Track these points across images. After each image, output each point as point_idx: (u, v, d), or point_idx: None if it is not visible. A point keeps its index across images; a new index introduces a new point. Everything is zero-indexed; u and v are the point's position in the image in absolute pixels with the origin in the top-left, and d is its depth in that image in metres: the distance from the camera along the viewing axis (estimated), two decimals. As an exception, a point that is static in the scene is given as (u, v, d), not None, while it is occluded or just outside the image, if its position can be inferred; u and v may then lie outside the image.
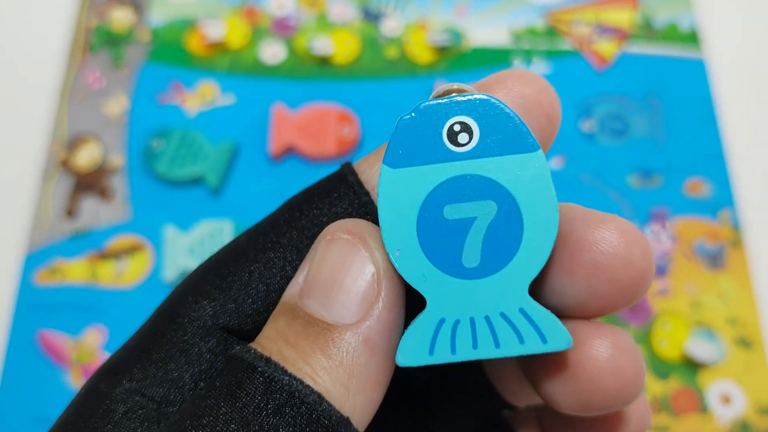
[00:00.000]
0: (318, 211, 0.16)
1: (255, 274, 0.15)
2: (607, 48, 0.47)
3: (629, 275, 0.14)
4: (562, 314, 0.14)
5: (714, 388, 0.37)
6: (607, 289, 0.14)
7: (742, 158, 0.47)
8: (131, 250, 0.40)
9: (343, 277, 0.14)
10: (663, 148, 0.44)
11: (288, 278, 0.15)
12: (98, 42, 0.47)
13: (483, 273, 0.14)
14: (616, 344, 0.14)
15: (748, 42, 0.52)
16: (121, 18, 0.48)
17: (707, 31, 0.50)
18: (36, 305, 0.39)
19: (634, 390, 0.14)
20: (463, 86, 0.14)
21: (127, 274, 0.40)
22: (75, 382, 0.37)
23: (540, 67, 0.46)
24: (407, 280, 0.14)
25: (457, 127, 0.14)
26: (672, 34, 0.48)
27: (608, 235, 0.14)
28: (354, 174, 0.16)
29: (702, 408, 0.37)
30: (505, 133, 0.14)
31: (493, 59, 0.46)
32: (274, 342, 0.14)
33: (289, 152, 0.43)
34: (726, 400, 0.37)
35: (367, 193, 0.16)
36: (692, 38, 0.47)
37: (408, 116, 0.14)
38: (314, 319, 0.14)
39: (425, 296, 0.14)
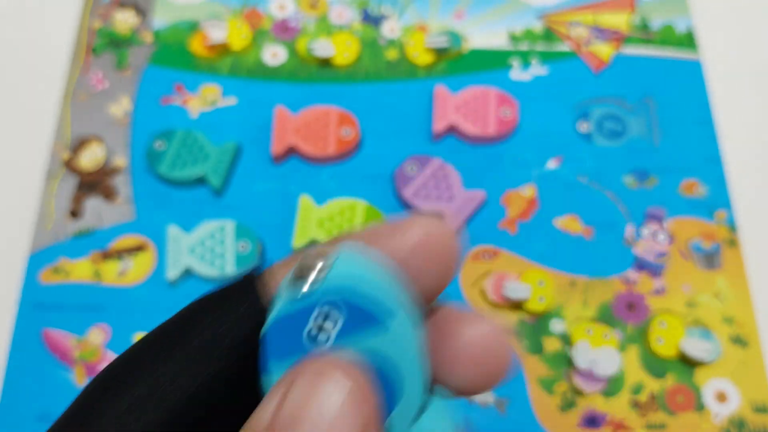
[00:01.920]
0: (213, 319, 0.16)
1: (145, 387, 0.15)
2: (604, 50, 0.48)
3: (495, 366, 0.17)
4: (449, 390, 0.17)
5: (710, 386, 0.38)
6: (479, 377, 0.17)
7: (738, 159, 0.47)
8: (134, 250, 0.41)
9: (333, 418, 0.14)
10: (659, 150, 0.44)
11: (183, 391, 0.15)
12: (102, 44, 0.47)
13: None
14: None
15: (743, 44, 0.53)
16: (124, 20, 0.48)
17: (703, 34, 0.51)
18: (40, 304, 0.39)
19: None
20: (325, 250, 0.15)
21: (130, 273, 0.40)
22: (79, 380, 0.37)
23: (538, 69, 0.47)
24: None
25: (316, 328, 0.15)
26: (668, 37, 0.48)
27: (477, 333, 0.17)
28: (254, 285, 0.16)
29: (698, 406, 0.37)
30: (368, 307, 0.15)
31: (492, 61, 0.47)
32: None
33: (291, 153, 0.43)
34: (722, 397, 0.37)
35: (264, 307, 0.16)
36: (688, 40, 0.48)
37: (269, 329, 0.15)
38: None
39: None
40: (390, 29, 0.48)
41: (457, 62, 0.47)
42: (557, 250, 0.41)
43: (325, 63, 0.47)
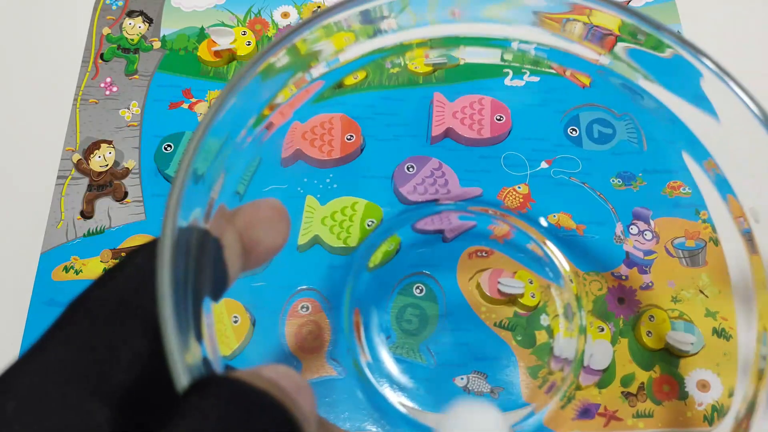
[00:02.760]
0: None
1: None
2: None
3: None
4: None
5: (693, 376, 0.40)
6: None
7: (720, 162, 0.49)
8: (146, 249, 0.42)
9: None
10: (646, 153, 0.46)
11: None
12: (111, 50, 0.49)
13: None
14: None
15: (730, 49, 0.55)
16: (133, 27, 0.50)
17: (692, 39, 0.53)
18: (52, 301, 0.40)
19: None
20: None
21: (142, 271, 0.41)
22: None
23: (530, 76, 0.49)
24: None
25: None
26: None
27: None
28: None
29: (682, 395, 0.39)
30: None
31: (487, 70, 0.49)
32: None
33: (298, 158, 0.45)
34: (705, 387, 0.39)
35: None
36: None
37: None
38: None
39: None
40: (388, 24, 0.49)
41: (454, 71, 0.49)
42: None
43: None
